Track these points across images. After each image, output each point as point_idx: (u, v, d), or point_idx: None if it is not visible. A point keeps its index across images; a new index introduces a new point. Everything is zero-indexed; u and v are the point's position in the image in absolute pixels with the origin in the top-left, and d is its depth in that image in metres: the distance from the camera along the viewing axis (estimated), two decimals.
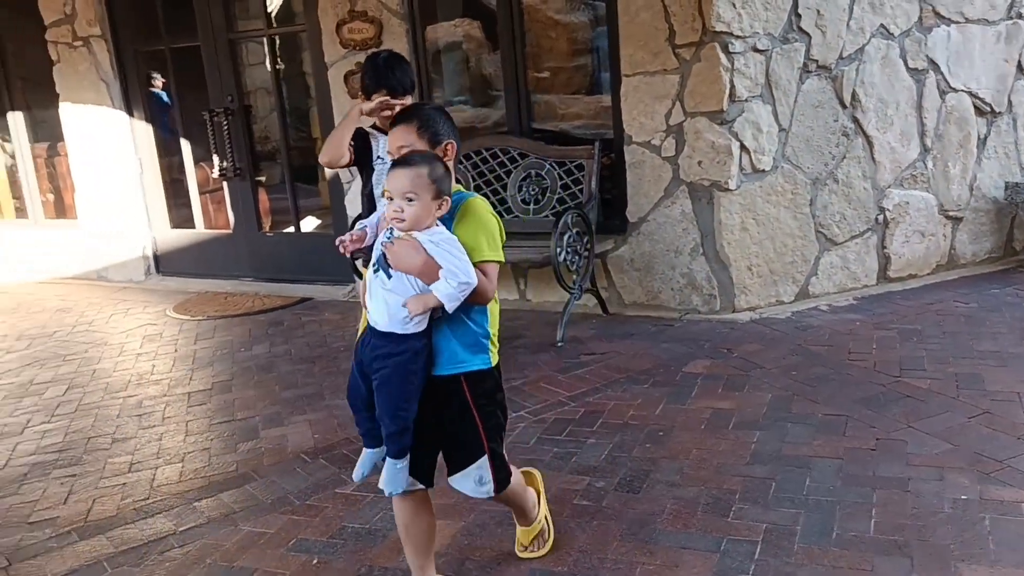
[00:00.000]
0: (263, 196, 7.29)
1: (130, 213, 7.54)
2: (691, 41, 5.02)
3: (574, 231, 5.09)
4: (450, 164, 2.51)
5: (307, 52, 6.87)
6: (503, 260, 2.50)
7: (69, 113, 7.59)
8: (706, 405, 4.04)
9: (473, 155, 5.75)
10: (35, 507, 3.69)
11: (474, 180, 5.70)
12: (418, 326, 2.38)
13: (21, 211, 8.47)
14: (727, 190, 5.10)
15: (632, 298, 5.54)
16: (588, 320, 5.42)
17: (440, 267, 2.32)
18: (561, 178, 5.49)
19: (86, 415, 4.70)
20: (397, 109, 3.58)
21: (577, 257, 5.13)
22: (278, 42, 7.34)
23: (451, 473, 2.59)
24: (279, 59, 7.39)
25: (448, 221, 2.44)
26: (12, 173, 8.47)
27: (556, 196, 5.49)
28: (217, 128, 6.96)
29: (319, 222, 7.51)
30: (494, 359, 2.55)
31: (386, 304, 2.38)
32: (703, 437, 3.73)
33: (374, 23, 6.04)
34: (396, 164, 2.38)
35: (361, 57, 5.68)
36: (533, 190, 5.58)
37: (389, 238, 2.39)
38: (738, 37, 4.96)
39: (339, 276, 6.43)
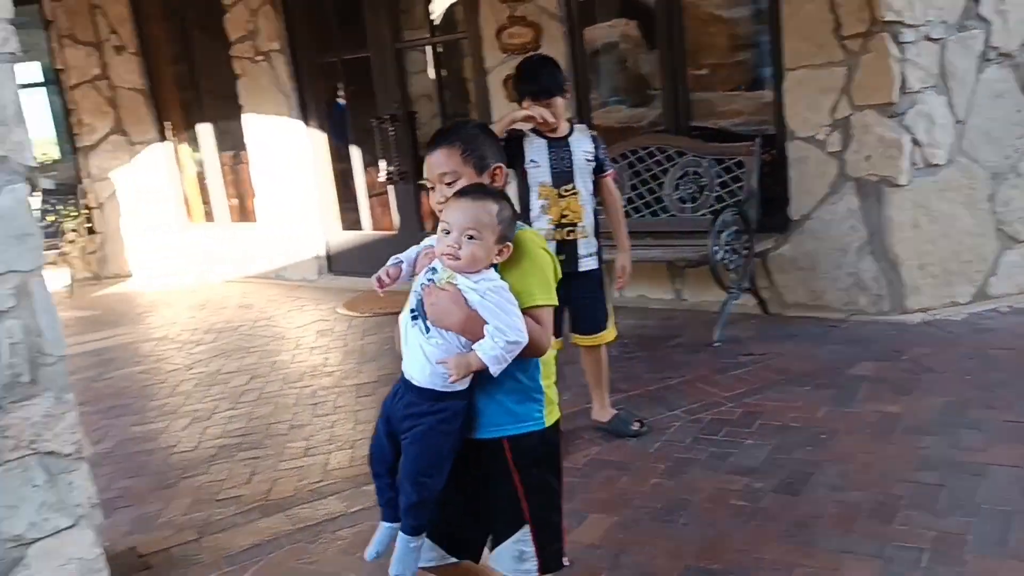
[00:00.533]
0: (425, 199, 7.58)
1: (305, 216, 8.01)
2: (859, 32, 4.84)
3: (732, 229, 5.01)
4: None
5: (468, 58, 7.08)
6: (557, 304, 2.12)
7: (251, 123, 8.15)
8: (873, 409, 3.90)
9: (629, 154, 5.76)
10: (222, 486, 4.01)
11: (630, 180, 5.71)
12: (461, 383, 2.03)
13: (209, 215, 9.15)
14: (897, 186, 4.89)
15: (794, 298, 5.40)
16: (747, 320, 5.32)
17: (485, 322, 1.99)
18: (719, 176, 5.42)
19: (266, 403, 5.05)
20: (546, 117, 3.69)
21: (735, 256, 5.06)
22: (440, 50, 7.62)
23: (492, 547, 2.20)
24: (441, 66, 7.66)
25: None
26: (201, 180, 9.16)
27: (714, 194, 5.42)
28: (383, 134, 7.30)
29: None
30: (549, 417, 2.14)
31: (424, 356, 2.03)
32: (868, 441, 3.61)
33: (533, 27, 6.17)
34: (462, 193, 2.06)
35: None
36: (690, 188, 5.54)
37: (430, 280, 2.05)
38: (909, 26, 4.75)
39: None
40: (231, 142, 8.72)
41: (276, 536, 3.48)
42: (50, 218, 9.08)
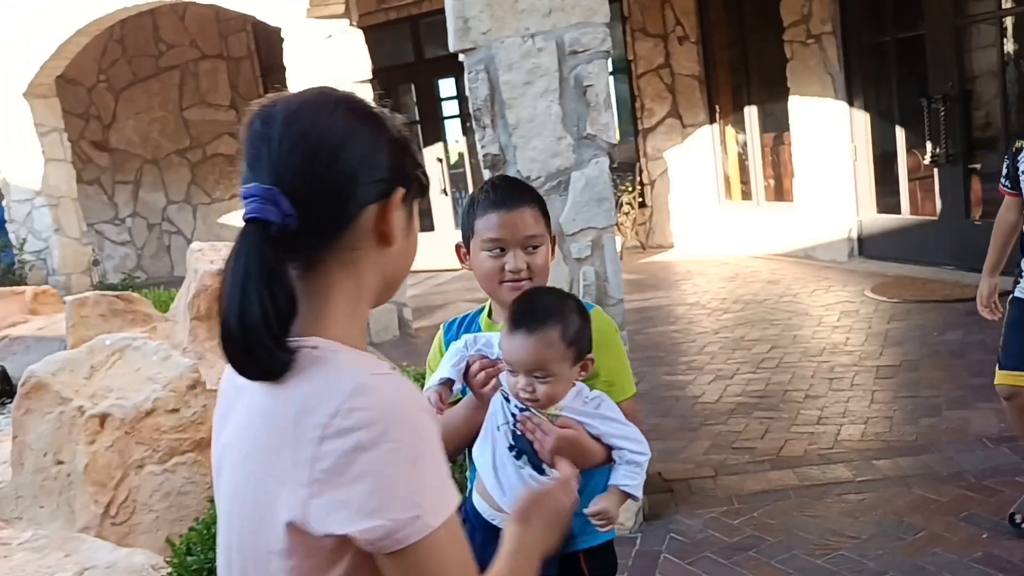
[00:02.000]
0: (975, 184, 7.09)
1: (839, 197, 8.04)
2: None
3: None
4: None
5: None
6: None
7: (796, 106, 8.38)
8: None
9: None
10: (738, 437, 4.42)
11: None
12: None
13: (746, 194, 9.63)
14: None
15: None
16: None
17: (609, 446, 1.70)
18: None
19: (784, 372, 5.34)
20: None
21: None
22: (1009, 23, 7.02)
23: None
24: (1010, 41, 7.06)
25: None
26: (742, 160, 9.67)
27: None
28: (933, 115, 7.00)
29: None
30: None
31: None
32: None
33: None
34: (517, 324, 1.66)
35: None
36: None
37: (521, 410, 1.67)
38: None
39: None
40: (774, 124, 9.06)
41: (784, 488, 3.78)
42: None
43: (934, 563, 3.06)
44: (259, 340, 0.98)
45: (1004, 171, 3.35)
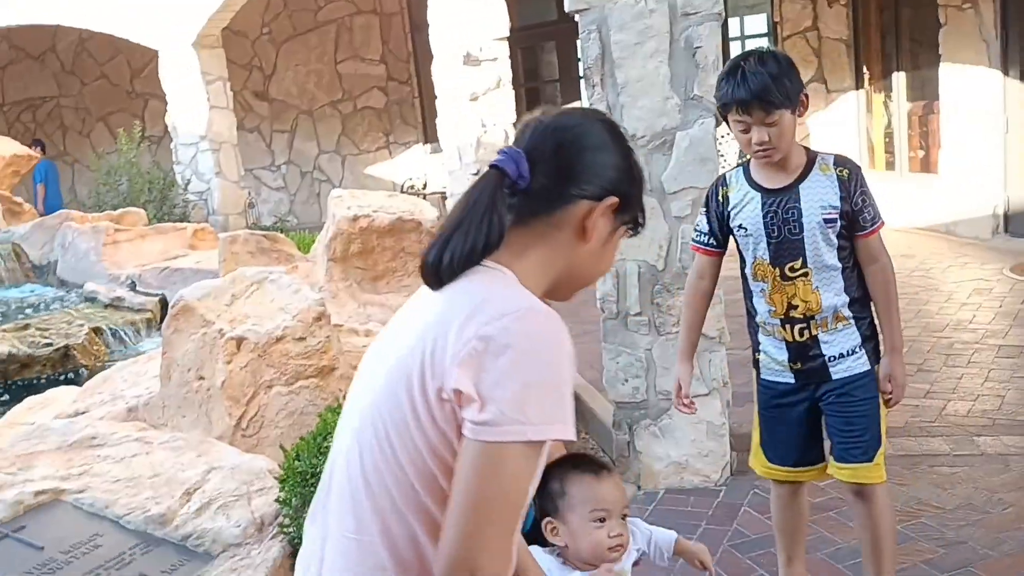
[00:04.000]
0: None
1: (988, 171, 7.67)
2: None
3: None
4: None
5: None
6: None
7: (947, 73, 8.01)
8: None
9: None
10: None
11: None
12: None
13: (890, 164, 9.29)
14: None
15: None
16: None
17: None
18: None
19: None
20: None
21: None
22: None
23: None
24: None
25: None
26: (888, 128, 9.32)
27: None
28: None
29: None
30: None
31: None
32: None
33: None
34: (599, 470, 1.71)
35: None
36: None
37: None
38: None
39: None
40: (923, 92, 8.68)
41: None
42: None
43: (1015, 539, 3.05)
44: (461, 251, 1.23)
45: (704, 218, 2.56)
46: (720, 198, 2.52)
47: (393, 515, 1.20)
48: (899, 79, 8.92)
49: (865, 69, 9.34)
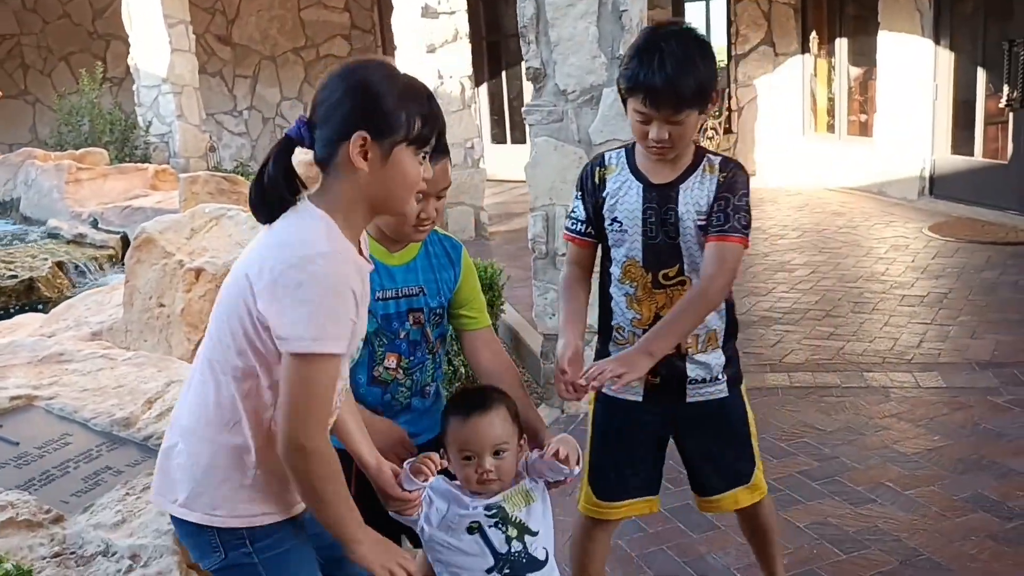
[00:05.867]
0: None
1: (916, 135, 8.12)
2: None
3: None
4: None
5: None
6: None
7: (885, 41, 8.40)
8: None
9: None
10: (750, 344, 4.83)
11: None
12: None
13: (831, 127, 9.71)
14: None
15: None
16: None
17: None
18: None
19: (815, 294, 5.70)
20: None
21: None
22: None
23: None
24: None
25: (451, 280, 2.08)
26: (830, 93, 9.73)
27: None
28: (1014, 58, 7.00)
29: None
30: None
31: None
32: None
33: None
34: (469, 412, 1.79)
35: None
36: None
37: (494, 517, 1.79)
38: None
39: None
40: (864, 59, 9.08)
41: (776, 388, 4.23)
42: None
43: (881, 455, 3.50)
44: (275, 189, 1.58)
45: (579, 203, 2.24)
46: (596, 180, 2.19)
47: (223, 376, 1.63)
48: (841, 45, 9.30)
49: (813, 34, 9.69)
